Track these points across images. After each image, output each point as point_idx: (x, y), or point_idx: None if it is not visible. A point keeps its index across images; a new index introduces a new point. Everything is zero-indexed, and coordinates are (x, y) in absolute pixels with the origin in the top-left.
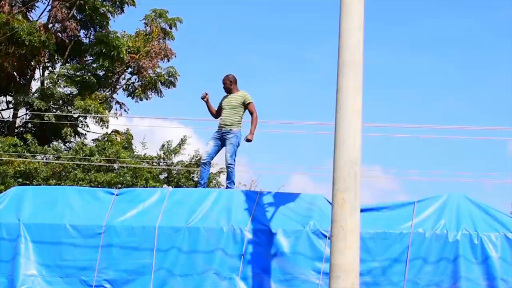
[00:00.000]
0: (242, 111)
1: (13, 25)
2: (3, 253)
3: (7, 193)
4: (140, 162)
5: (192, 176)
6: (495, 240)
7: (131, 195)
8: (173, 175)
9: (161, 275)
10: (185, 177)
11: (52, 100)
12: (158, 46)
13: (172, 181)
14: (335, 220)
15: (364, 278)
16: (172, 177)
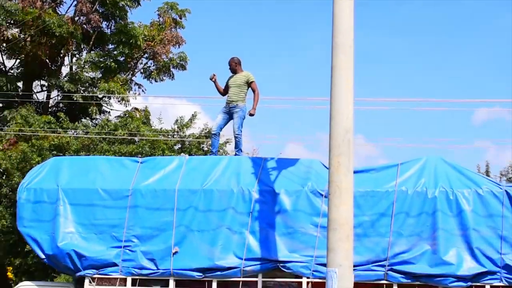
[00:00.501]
0: (246, 89)
1: (45, 19)
2: (45, 214)
3: (45, 164)
4: (157, 135)
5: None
6: (467, 196)
7: (153, 163)
8: (185, 146)
9: (180, 231)
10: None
11: (80, 83)
12: (170, 34)
13: (185, 151)
14: (331, 180)
15: (356, 230)
16: (185, 147)
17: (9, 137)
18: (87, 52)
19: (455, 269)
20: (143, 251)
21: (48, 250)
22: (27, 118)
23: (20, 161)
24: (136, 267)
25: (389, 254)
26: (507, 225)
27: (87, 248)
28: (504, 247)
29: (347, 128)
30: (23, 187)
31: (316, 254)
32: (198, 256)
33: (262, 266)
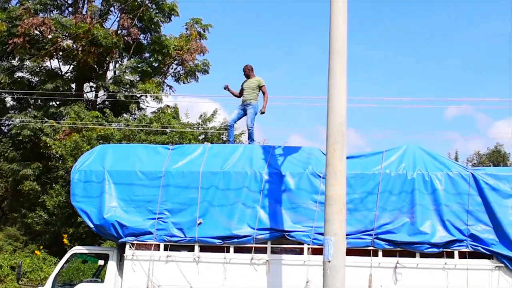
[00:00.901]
0: (258, 91)
1: (93, 32)
2: (93, 191)
3: (93, 150)
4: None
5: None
6: (440, 177)
7: (181, 150)
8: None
9: (204, 206)
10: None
11: (122, 85)
12: (196, 45)
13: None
14: (329, 164)
15: (348, 205)
16: (208, 137)
17: (65, 129)
18: (127, 59)
19: (429, 238)
20: (173, 222)
21: (96, 221)
22: (79, 114)
23: (73, 148)
24: (167, 235)
25: (375, 225)
26: (472, 201)
27: (127, 219)
28: (470, 220)
29: (341, 121)
30: (76, 169)
31: (315, 225)
32: (218, 227)
33: (271, 235)
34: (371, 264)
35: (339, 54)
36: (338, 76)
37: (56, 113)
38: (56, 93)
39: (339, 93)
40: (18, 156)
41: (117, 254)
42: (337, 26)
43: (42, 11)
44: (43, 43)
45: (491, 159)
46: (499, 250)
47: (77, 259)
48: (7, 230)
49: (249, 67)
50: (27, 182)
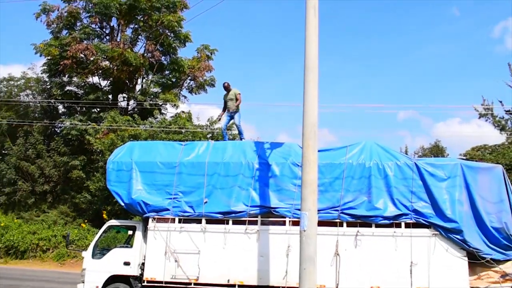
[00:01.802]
0: (235, 99)
1: (125, 55)
2: (123, 178)
3: (124, 146)
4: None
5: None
6: (390, 166)
7: (192, 145)
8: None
9: (209, 188)
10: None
11: (147, 95)
12: (204, 64)
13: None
14: (304, 155)
15: (320, 188)
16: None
17: (103, 130)
18: (152, 76)
19: (382, 212)
20: (185, 201)
21: (126, 200)
22: (114, 118)
23: (109, 145)
24: (181, 211)
25: (341, 203)
26: (415, 184)
27: (150, 199)
28: (413, 198)
29: (314, 122)
30: (110, 161)
31: (294, 203)
32: (220, 204)
33: (260, 211)
34: (338, 233)
35: (311, 70)
36: (311, 87)
37: (97, 118)
38: (97, 102)
39: (312, 100)
40: (68, 151)
41: (142, 226)
42: (310, 47)
43: (86, 39)
44: (87, 64)
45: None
46: (436, 221)
47: (112, 230)
48: (60, 208)
49: (227, 84)
50: (75, 171)
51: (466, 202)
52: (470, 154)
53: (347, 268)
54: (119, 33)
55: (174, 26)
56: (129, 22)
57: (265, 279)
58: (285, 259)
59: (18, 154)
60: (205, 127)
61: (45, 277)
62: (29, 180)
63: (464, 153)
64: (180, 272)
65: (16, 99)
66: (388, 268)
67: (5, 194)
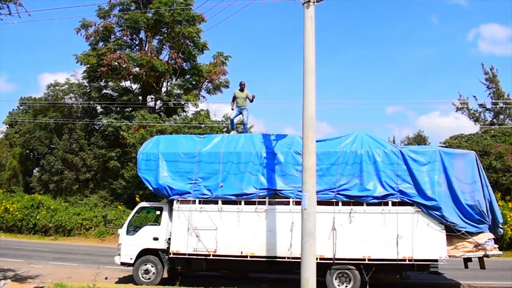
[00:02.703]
0: (246, 99)
1: (153, 62)
2: (152, 166)
3: (151, 139)
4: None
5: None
6: (379, 153)
7: (209, 138)
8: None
9: (224, 174)
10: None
11: (172, 96)
12: (220, 69)
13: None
14: (304, 145)
15: (318, 172)
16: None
17: (135, 126)
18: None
19: (372, 193)
20: (204, 185)
21: (154, 185)
22: (144, 116)
23: (140, 139)
24: (200, 194)
25: (337, 185)
26: (400, 168)
27: (174, 184)
28: (399, 181)
29: (312, 116)
30: (140, 152)
31: (297, 186)
32: (233, 188)
33: (268, 192)
34: (334, 211)
35: (310, 73)
36: (309, 87)
37: (129, 116)
38: (129, 102)
39: (310, 98)
40: (105, 144)
41: (168, 207)
42: (308, 53)
43: (119, 49)
44: (120, 70)
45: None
46: (418, 200)
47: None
48: (100, 193)
49: (243, 83)
50: (112, 161)
51: (444, 183)
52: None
53: (343, 240)
54: (147, 43)
55: (194, 36)
56: (155, 34)
57: (273, 251)
58: (289, 234)
59: (64, 148)
60: (221, 123)
61: (88, 251)
62: (74, 170)
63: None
64: (201, 245)
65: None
66: (377, 240)
67: (54, 182)
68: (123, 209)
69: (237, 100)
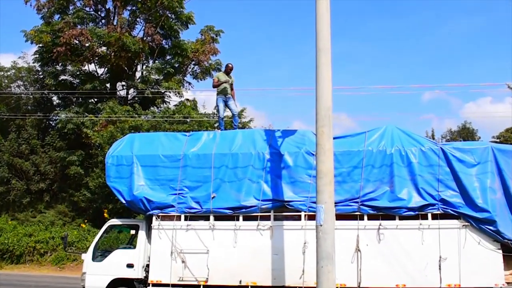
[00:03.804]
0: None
1: (123, 39)
2: (124, 173)
3: (123, 139)
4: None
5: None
6: (414, 152)
7: (197, 136)
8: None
9: (216, 182)
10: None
11: (148, 83)
12: (209, 47)
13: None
14: (318, 143)
15: (337, 178)
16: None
17: (102, 122)
18: (152, 62)
19: (407, 203)
20: (192, 197)
21: (127, 197)
22: (113, 108)
23: (109, 138)
24: (187, 207)
25: (361, 194)
26: (442, 171)
27: (153, 195)
28: (440, 187)
29: (328, 107)
30: (109, 155)
31: (310, 195)
32: (229, 199)
33: (273, 205)
34: (358, 227)
35: (324, 52)
36: (324, 70)
37: (94, 109)
38: (94, 91)
39: (325, 83)
40: (64, 145)
41: (145, 224)
42: (321, 28)
43: (80, 24)
44: (82, 50)
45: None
46: (465, 211)
47: (114, 230)
48: (57, 207)
49: (231, 66)
50: (73, 167)
51: (499, 190)
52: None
53: (370, 265)
54: (115, 16)
55: (175, 6)
56: (126, 3)
57: (280, 279)
58: (301, 257)
59: (11, 150)
60: (212, 116)
61: (43, 282)
62: (24, 178)
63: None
64: (188, 273)
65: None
66: (414, 264)
67: None
68: (88, 228)
69: (222, 86)
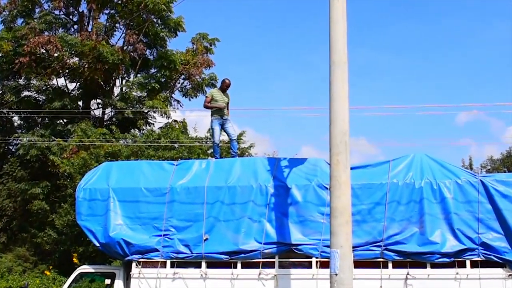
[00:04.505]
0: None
1: (99, 49)
2: (98, 210)
3: (98, 168)
4: (193, 141)
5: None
6: (449, 185)
7: (186, 165)
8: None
9: (210, 221)
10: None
11: (129, 101)
12: (202, 59)
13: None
14: (332, 175)
15: (355, 217)
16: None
17: (72, 147)
18: (134, 75)
19: (440, 247)
20: (179, 239)
21: (102, 239)
22: (86, 131)
23: (81, 166)
24: (174, 252)
25: (384, 236)
26: (482, 209)
27: (133, 237)
28: (481, 228)
29: (344, 130)
30: (80, 187)
31: (323, 238)
32: (224, 242)
33: (278, 249)
34: (381, 276)
35: (339, 65)
36: (339, 86)
37: (63, 131)
38: (63, 111)
39: (340, 102)
40: (26, 175)
41: (123, 272)
42: (336, 38)
43: (48, 30)
44: (49, 62)
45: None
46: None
47: (85, 278)
48: (16, 250)
49: (228, 82)
50: (36, 202)
51: None
52: None
53: None
54: (90, 21)
55: (162, 10)
56: (103, 6)
57: None
58: None
59: None
60: (205, 141)
61: None
62: None
63: None
64: None
65: None
66: None
67: None
68: (53, 275)
69: (219, 105)
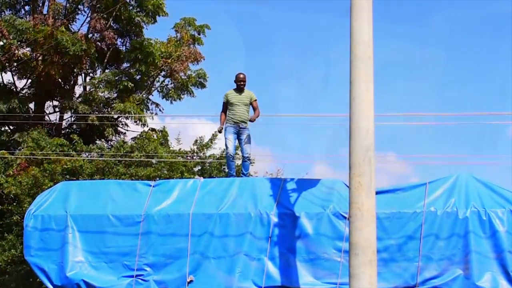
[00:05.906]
0: (249, 108)
1: (57, 36)
2: (52, 242)
3: (54, 189)
4: (175, 156)
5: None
6: (501, 216)
7: (166, 186)
8: (206, 167)
9: (195, 258)
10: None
11: (94, 104)
12: (188, 51)
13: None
14: (352, 202)
15: (382, 254)
16: (205, 169)
17: (20, 162)
18: (101, 71)
19: None
20: (156, 281)
21: (57, 281)
22: (39, 141)
23: (31, 186)
24: None
25: (419, 280)
26: None
27: (97, 278)
28: None
29: (368, 145)
30: (30, 214)
31: (339, 281)
32: (214, 285)
33: None
34: None
35: (362, 61)
36: (362, 88)
37: (9, 142)
38: (10, 115)
39: (363, 109)
40: None
41: None
42: (359, 27)
43: None
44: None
45: None
46: None
47: None
48: None
49: (243, 76)
50: None
51: None
52: None
53: None
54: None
55: None
56: None
57: None
58: None
59: None
60: (191, 155)
61: None
62: None
63: None
64: None
65: None
66: None
67: None
68: None
69: (232, 109)
